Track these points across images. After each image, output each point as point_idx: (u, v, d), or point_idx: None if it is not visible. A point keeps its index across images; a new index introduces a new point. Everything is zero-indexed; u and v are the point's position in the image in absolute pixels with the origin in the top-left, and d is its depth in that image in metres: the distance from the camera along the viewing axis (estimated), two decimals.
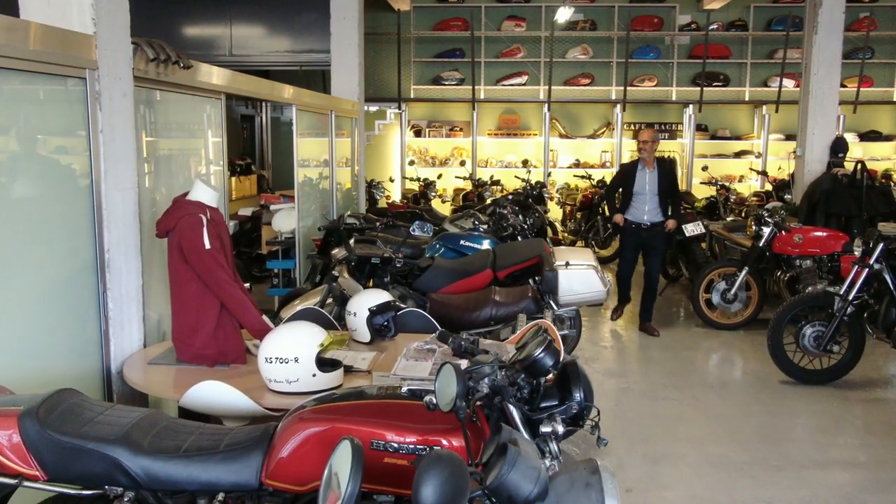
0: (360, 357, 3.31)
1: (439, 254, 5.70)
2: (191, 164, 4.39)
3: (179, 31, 9.66)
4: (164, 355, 3.30)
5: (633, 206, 6.70)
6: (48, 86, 2.94)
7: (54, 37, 2.83)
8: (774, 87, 12.01)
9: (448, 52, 12.27)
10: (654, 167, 6.64)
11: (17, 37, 2.60)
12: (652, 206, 6.68)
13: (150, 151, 3.86)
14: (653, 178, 6.63)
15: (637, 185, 6.66)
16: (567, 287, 4.43)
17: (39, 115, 2.94)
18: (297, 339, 2.85)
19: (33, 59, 2.70)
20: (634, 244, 6.86)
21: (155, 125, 3.91)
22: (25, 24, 2.71)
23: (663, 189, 6.64)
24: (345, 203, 8.17)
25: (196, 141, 4.48)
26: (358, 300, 3.59)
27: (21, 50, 2.62)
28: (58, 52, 2.84)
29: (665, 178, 6.66)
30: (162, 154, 4.02)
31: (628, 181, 6.73)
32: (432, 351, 3.43)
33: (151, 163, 3.85)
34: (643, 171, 6.67)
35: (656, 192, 6.64)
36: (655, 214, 6.71)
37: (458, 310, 4.48)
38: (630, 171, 6.78)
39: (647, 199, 6.63)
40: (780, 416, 4.99)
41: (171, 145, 4.17)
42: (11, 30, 2.58)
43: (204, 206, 3.15)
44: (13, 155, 2.79)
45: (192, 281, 3.11)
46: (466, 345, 2.29)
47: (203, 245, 3.01)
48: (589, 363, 5.98)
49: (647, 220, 6.67)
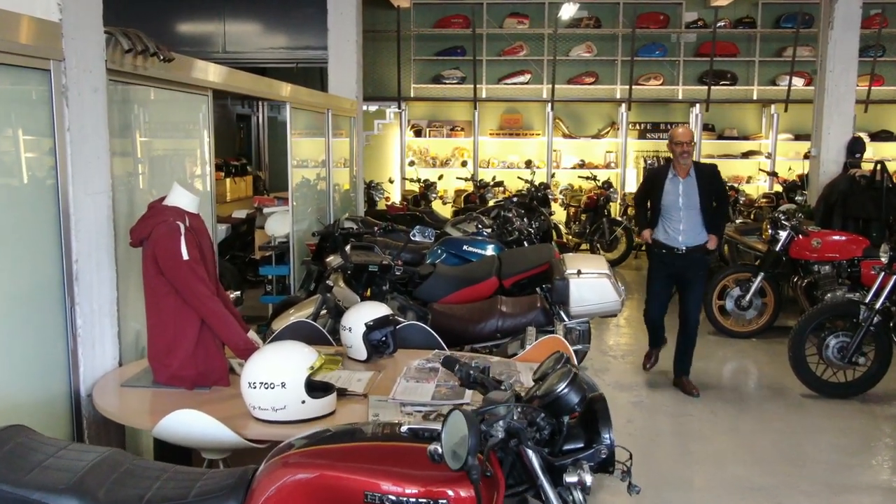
0: (356, 378, 3.01)
1: (441, 260, 5.40)
2: (175, 166, 4.09)
3: (170, 27, 9.34)
4: (139, 377, 2.99)
5: (664, 225, 5.23)
6: (6, 79, 2.63)
7: (13, 23, 2.53)
8: (783, 86, 11.71)
9: (449, 49, 11.97)
10: (689, 175, 5.17)
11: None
12: (689, 226, 5.16)
13: (129, 152, 3.56)
14: (689, 188, 5.14)
15: (666, 198, 5.18)
16: (579, 297, 4.13)
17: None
18: (284, 362, 2.55)
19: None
20: (666, 274, 5.35)
21: (135, 124, 3.61)
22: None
23: (705, 204, 5.16)
24: (343, 205, 7.87)
25: (181, 141, 4.18)
26: (353, 314, 3.29)
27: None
28: (17, 41, 2.53)
29: (707, 189, 5.19)
30: (142, 155, 3.72)
31: (654, 192, 5.30)
32: (435, 370, 3.14)
33: (130, 165, 3.55)
34: (674, 180, 5.17)
35: (696, 207, 5.14)
36: (694, 236, 5.17)
37: (461, 321, 4.18)
38: (657, 179, 5.30)
39: (683, 215, 5.14)
40: (804, 433, 4.69)
41: (154, 145, 3.87)
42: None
43: (182, 213, 2.85)
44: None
45: (168, 295, 2.81)
46: (475, 374, 1.99)
47: (180, 255, 2.71)
48: (598, 375, 5.68)
49: (683, 244, 5.16)
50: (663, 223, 5.24)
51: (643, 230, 5.46)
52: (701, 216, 5.16)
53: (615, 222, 10.34)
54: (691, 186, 5.17)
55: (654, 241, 5.36)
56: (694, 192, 5.16)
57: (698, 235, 5.19)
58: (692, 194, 5.16)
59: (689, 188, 5.17)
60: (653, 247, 5.40)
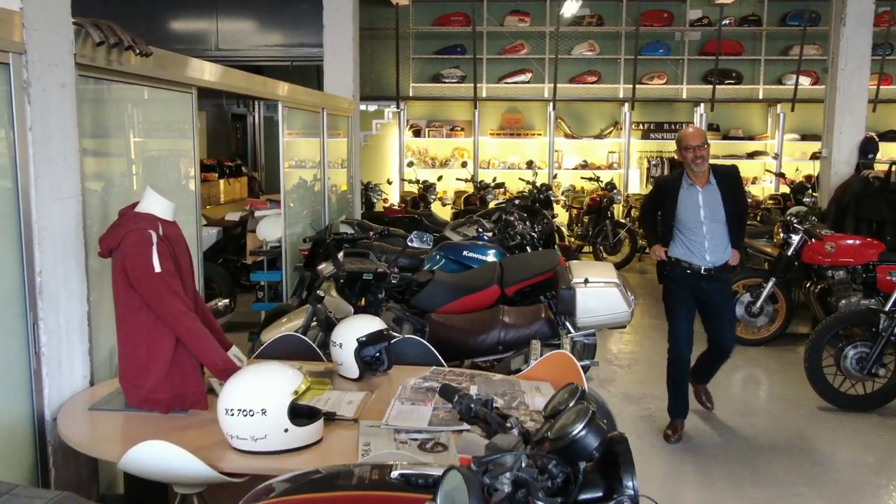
0: (346, 400, 2.76)
1: (440, 266, 5.15)
2: (156, 168, 3.85)
3: (161, 23, 9.08)
4: (110, 399, 2.75)
5: (682, 242, 4.43)
6: None
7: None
8: (789, 85, 11.46)
9: (448, 48, 11.75)
10: (709, 182, 4.36)
11: None
12: (715, 241, 4.35)
13: (104, 154, 3.32)
14: (710, 198, 4.35)
15: (683, 211, 4.38)
16: (586, 307, 3.89)
17: None
18: (264, 386, 2.30)
19: None
20: (691, 299, 4.47)
21: (111, 123, 3.37)
22: None
23: (732, 214, 4.39)
24: (339, 207, 7.63)
25: (163, 141, 3.94)
26: (344, 329, 3.04)
27: None
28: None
29: (731, 196, 4.40)
30: (120, 157, 3.48)
31: (667, 204, 4.47)
32: (432, 390, 2.89)
33: (106, 167, 3.31)
34: (691, 190, 4.37)
35: (720, 220, 4.36)
36: (721, 253, 4.39)
37: (461, 332, 3.93)
38: (669, 190, 4.47)
39: (707, 230, 4.34)
40: (824, 450, 4.45)
41: (133, 146, 3.62)
42: None
43: (156, 220, 2.60)
44: None
45: (140, 310, 2.56)
46: (477, 408, 1.75)
47: (152, 267, 2.46)
48: (604, 385, 5.44)
49: (711, 263, 4.38)
50: (682, 239, 4.42)
51: (655, 245, 4.65)
52: (727, 229, 4.40)
53: (619, 224, 10.11)
54: (713, 195, 4.35)
55: (671, 260, 4.48)
56: (717, 201, 4.35)
57: (725, 252, 4.41)
58: (715, 205, 4.35)
59: (711, 198, 4.35)
60: (671, 266, 4.49)
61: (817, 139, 11.84)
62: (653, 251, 4.69)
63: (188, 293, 2.70)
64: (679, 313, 4.51)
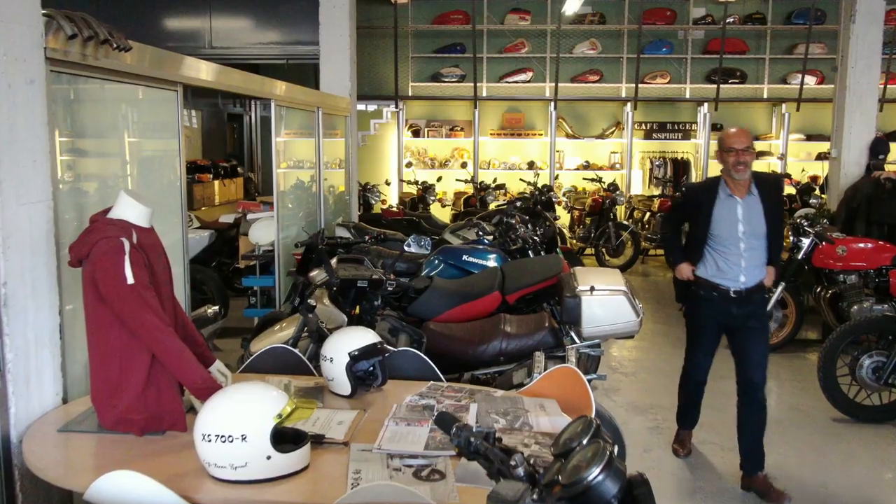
0: (336, 420, 2.57)
1: (438, 271, 4.95)
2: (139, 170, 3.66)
3: (152, 21, 8.88)
4: (82, 419, 2.55)
5: (713, 261, 3.89)
6: None
7: None
8: (794, 85, 11.29)
9: (448, 46, 11.55)
10: (750, 192, 3.80)
11: None
12: (752, 261, 3.83)
13: (81, 155, 3.13)
14: (750, 211, 3.79)
15: (718, 225, 3.82)
16: (592, 317, 3.68)
17: None
18: (244, 409, 2.11)
19: None
20: (717, 324, 4.01)
21: (89, 122, 3.18)
22: None
23: (773, 230, 3.85)
24: (336, 209, 7.45)
25: (147, 141, 3.75)
26: (335, 342, 2.85)
27: None
28: None
29: (773, 210, 3.85)
30: (99, 158, 3.29)
31: (699, 216, 3.91)
32: (429, 408, 2.71)
33: (83, 169, 3.12)
34: (729, 202, 3.81)
35: (760, 236, 3.82)
36: (758, 273, 3.87)
37: (460, 342, 3.74)
38: (702, 200, 3.90)
39: (744, 247, 3.80)
40: (840, 465, 4.26)
41: (113, 147, 3.44)
42: None
43: (129, 227, 2.40)
44: None
45: (112, 325, 2.37)
46: (478, 443, 1.55)
47: (123, 279, 2.27)
48: (608, 395, 5.25)
49: (744, 285, 3.85)
50: (714, 257, 3.88)
51: (679, 263, 4.07)
52: (767, 246, 3.84)
53: (621, 226, 9.91)
54: (754, 208, 3.79)
55: (699, 280, 3.95)
56: (758, 215, 3.79)
57: (761, 271, 3.87)
58: (755, 219, 3.79)
59: (752, 211, 3.79)
60: (697, 287, 3.98)
61: (823, 139, 11.71)
62: (678, 270, 4.06)
63: (166, 305, 2.51)
64: (701, 341, 4.07)
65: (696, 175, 11.69)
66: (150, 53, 3.32)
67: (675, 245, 4.24)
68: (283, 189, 5.95)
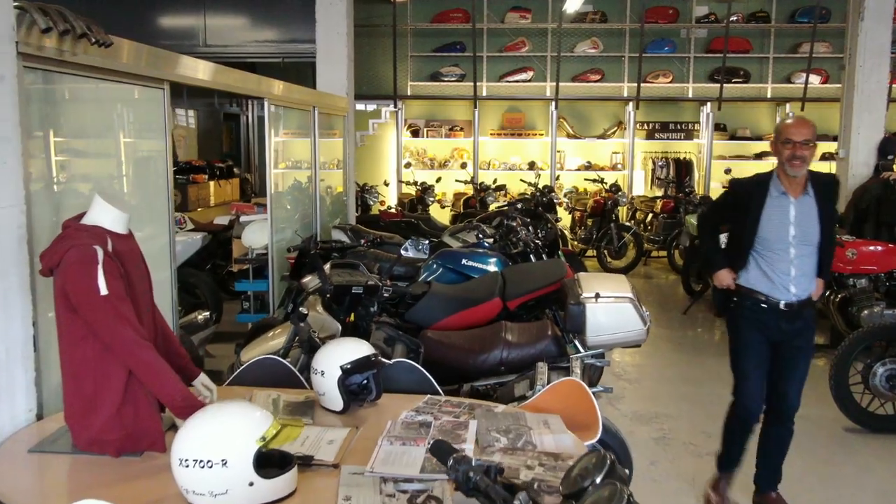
0: (327, 439, 2.41)
1: (437, 276, 4.80)
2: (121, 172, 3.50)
3: (145, 19, 8.70)
4: (55, 438, 2.39)
5: (759, 268, 3.43)
6: None
7: None
8: (799, 84, 11.15)
9: (447, 45, 11.41)
10: (806, 192, 3.38)
11: None
12: (803, 269, 3.39)
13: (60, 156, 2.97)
14: (804, 214, 3.36)
15: (768, 227, 3.37)
16: (596, 325, 3.53)
17: None
18: (224, 432, 1.95)
19: None
20: (763, 343, 3.48)
21: (67, 121, 3.02)
22: None
23: (827, 235, 3.42)
24: (333, 210, 7.29)
25: (131, 142, 3.59)
26: (326, 355, 2.69)
27: None
28: None
29: (828, 213, 3.44)
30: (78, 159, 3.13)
31: (746, 216, 3.43)
32: (426, 426, 2.54)
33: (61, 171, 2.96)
34: (781, 200, 3.36)
35: (813, 242, 3.39)
36: (808, 284, 3.43)
37: (459, 352, 3.58)
38: (751, 198, 3.44)
39: (795, 254, 3.36)
40: (854, 478, 4.10)
41: (93, 148, 3.28)
42: None
43: (104, 233, 2.24)
44: None
45: (86, 339, 2.21)
46: (477, 478, 1.39)
47: (96, 290, 2.11)
48: (612, 403, 5.09)
49: (795, 297, 3.40)
50: (760, 263, 3.42)
51: (718, 269, 3.54)
52: (819, 254, 3.41)
53: (624, 228, 9.76)
54: (808, 210, 3.36)
55: (741, 290, 3.48)
56: (812, 218, 3.36)
57: (812, 283, 3.44)
58: (809, 222, 3.36)
59: (806, 213, 3.36)
60: (741, 298, 3.49)
61: (827, 139, 11.50)
62: (717, 277, 3.56)
63: (144, 316, 2.35)
64: (750, 362, 3.49)
65: (699, 176, 11.54)
66: (134, 49, 3.16)
67: (712, 247, 3.71)
68: (279, 190, 5.79)
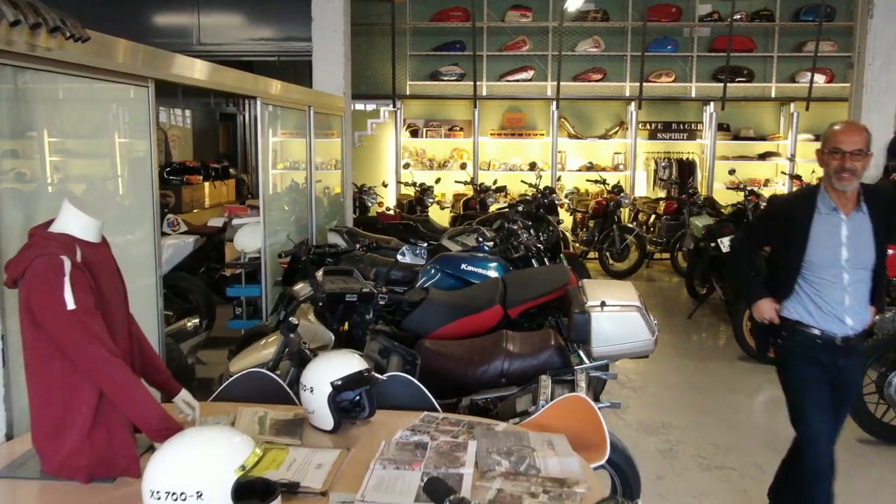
0: (315, 462, 2.24)
1: (435, 281, 4.63)
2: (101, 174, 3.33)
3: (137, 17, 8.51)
4: (23, 461, 2.23)
5: (807, 297, 3.00)
6: None
7: None
8: (804, 83, 10.98)
9: (447, 44, 11.23)
10: (859, 208, 2.95)
11: None
12: (858, 297, 2.98)
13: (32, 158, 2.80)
14: (857, 232, 2.94)
15: (817, 249, 2.94)
16: (602, 335, 3.37)
17: None
18: (200, 461, 1.78)
19: None
20: (823, 381, 3.03)
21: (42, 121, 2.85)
22: None
23: (880, 258, 3.00)
24: (331, 212, 7.12)
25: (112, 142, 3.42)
26: (315, 370, 2.52)
27: None
28: None
29: (882, 230, 2.97)
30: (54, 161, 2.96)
31: (790, 238, 3.01)
32: (422, 447, 2.38)
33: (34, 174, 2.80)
34: (832, 219, 2.94)
35: (867, 266, 2.96)
36: (863, 315, 3.02)
37: (458, 362, 3.42)
38: (795, 216, 3.02)
39: (848, 280, 2.94)
40: (869, 492, 3.94)
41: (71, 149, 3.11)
42: None
43: (73, 242, 2.07)
44: None
45: (53, 356, 2.05)
46: None
47: (62, 304, 1.94)
48: (616, 413, 4.91)
49: (852, 329, 2.98)
50: (808, 291, 2.99)
51: (760, 300, 3.11)
52: (873, 279, 2.97)
53: (626, 229, 9.59)
54: (862, 228, 2.93)
55: (786, 323, 3.05)
56: (866, 237, 2.93)
57: (867, 312, 3.02)
58: (863, 244, 2.93)
59: (859, 233, 2.93)
60: (790, 334, 3.05)
61: None
62: (758, 308, 3.11)
63: (118, 331, 2.19)
64: (812, 405, 3.00)
65: (702, 177, 11.36)
66: (115, 45, 3.00)
67: (750, 274, 3.23)
68: (273, 192, 5.62)
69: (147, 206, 3.50)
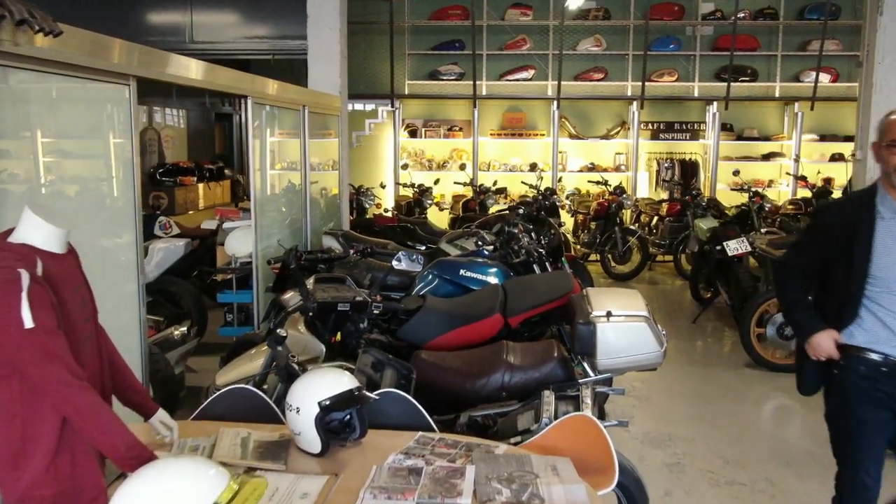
0: (300, 492, 2.07)
1: (433, 287, 4.46)
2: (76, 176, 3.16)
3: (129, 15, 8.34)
4: None
5: (873, 317, 2.59)
6: None
7: None
8: (808, 83, 10.81)
9: (446, 43, 11.06)
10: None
11: None
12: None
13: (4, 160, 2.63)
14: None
15: (881, 261, 2.54)
16: (608, 346, 3.20)
17: None
18: (170, 496, 1.61)
19: None
20: (882, 418, 2.63)
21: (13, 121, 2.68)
22: None
23: None
24: (327, 214, 6.95)
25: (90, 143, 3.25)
26: (302, 388, 2.35)
27: None
28: None
29: None
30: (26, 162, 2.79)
31: (848, 250, 2.60)
32: (416, 472, 2.21)
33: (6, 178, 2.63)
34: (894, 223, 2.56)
35: None
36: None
37: (456, 375, 3.25)
38: (849, 224, 2.62)
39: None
40: None
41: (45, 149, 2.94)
42: None
43: (33, 253, 1.90)
44: None
45: (11, 377, 1.88)
46: None
47: (19, 322, 1.77)
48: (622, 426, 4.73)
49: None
50: (873, 311, 2.58)
51: (815, 332, 2.67)
52: None
53: (628, 231, 9.42)
54: None
55: (849, 351, 2.63)
56: None
57: None
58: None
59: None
60: (850, 363, 2.64)
61: (837, 140, 11.23)
62: (816, 344, 2.66)
63: (85, 349, 2.01)
64: (864, 444, 2.64)
65: (705, 177, 11.19)
66: (90, 40, 2.82)
67: (800, 300, 2.79)
68: (266, 194, 5.44)
69: (129, 210, 3.33)
